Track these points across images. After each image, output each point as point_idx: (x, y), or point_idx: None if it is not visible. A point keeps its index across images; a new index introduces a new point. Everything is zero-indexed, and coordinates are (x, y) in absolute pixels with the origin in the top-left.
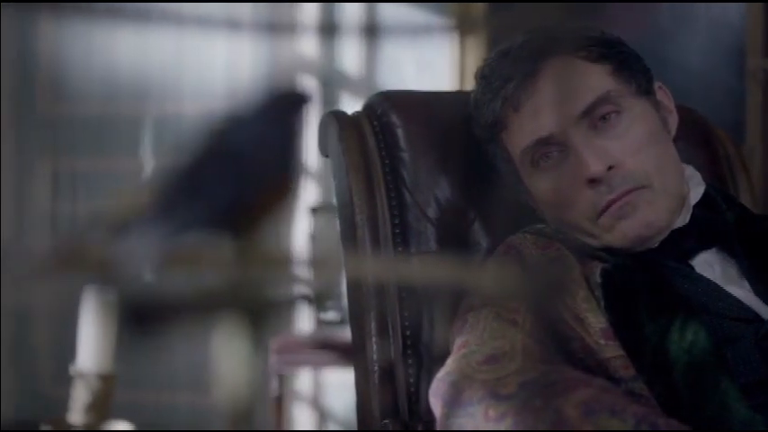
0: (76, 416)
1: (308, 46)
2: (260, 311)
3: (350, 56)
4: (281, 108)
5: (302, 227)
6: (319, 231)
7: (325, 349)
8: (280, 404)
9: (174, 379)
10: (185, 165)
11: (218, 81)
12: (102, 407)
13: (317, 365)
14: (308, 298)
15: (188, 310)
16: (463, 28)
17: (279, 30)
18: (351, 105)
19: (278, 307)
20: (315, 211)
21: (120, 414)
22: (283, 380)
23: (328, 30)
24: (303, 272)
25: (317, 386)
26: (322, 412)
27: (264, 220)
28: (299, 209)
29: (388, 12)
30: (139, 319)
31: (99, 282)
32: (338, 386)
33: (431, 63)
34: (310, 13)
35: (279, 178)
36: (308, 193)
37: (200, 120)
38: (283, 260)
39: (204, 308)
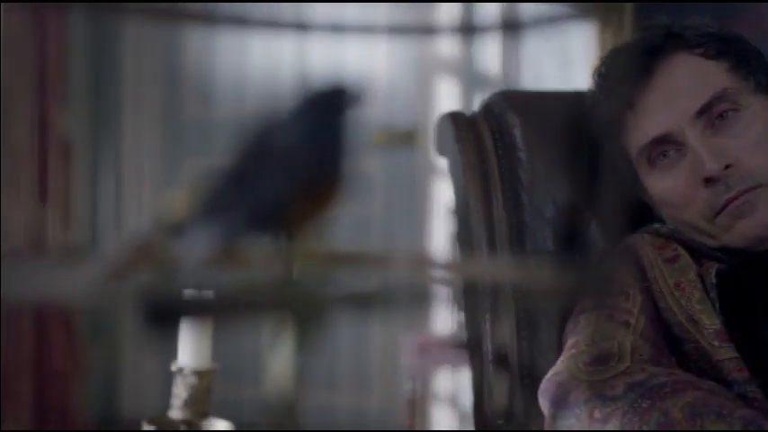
0: (177, 412)
1: (448, 46)
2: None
3: (489, 54)
4: (324, 106)
5: (441, 227)
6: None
7: (464, 348)
8: (416, 404)
9: (334, 379)
10: (231, 165)
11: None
12: (202, 403)
13: (455, 365)
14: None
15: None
16: (604, 21)
17: (417, 31)
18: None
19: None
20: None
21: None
22: (421, 380)
23: (467, 29)
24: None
25: (456, 386)
26: (461, 413)
27: (309, 220)
28: (437, 209)
29: (527, 7)
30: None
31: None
32: None
33: (571, 58)
34: (448, 12)
35: (321, 178)
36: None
37: (358, 124)
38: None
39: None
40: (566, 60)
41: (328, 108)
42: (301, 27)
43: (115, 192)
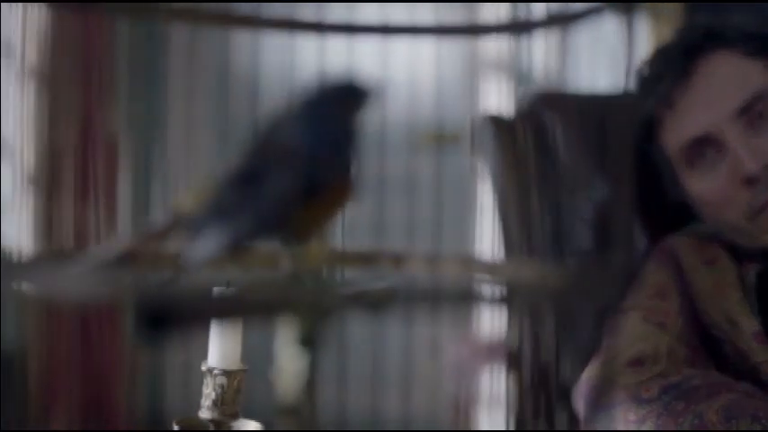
0: (206, 412)
1: (495, 44)
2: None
3: (537, 52)
4: (335, 104)
5: (488, 228)
6: None
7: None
8: (461, 406)
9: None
10: (242, 163)
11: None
12: (231, 403)
13: (499, 366)
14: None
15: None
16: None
17: (464, 31)
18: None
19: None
20: None
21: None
22: (466, 381)
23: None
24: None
25: (500, 387)
26: (505, 414)
27: (318, 220)
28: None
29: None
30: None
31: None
32: None
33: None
34: (495, 11)
35: (329, 178)
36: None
37: (405, 125)
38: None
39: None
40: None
41: (336, 106)
42: (348, 28)
43: (162, 192)
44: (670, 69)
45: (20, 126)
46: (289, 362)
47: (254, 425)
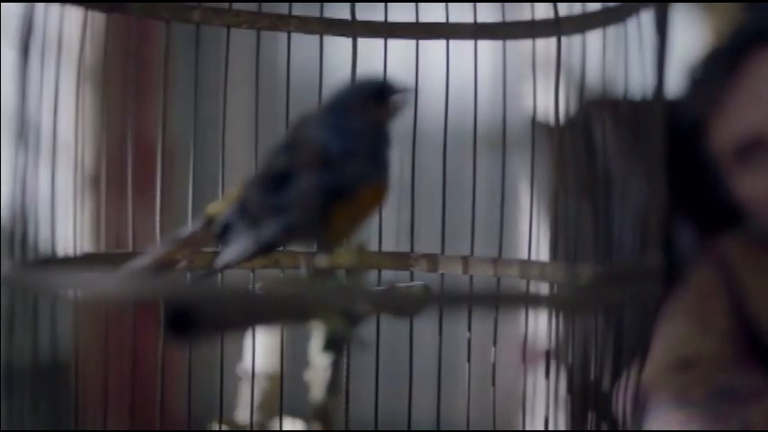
0: (245, 414)
1: (545, 45)
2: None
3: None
4: (364, 105)
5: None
6: None
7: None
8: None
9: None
10: (270, 166)
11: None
12: (271, 405)
13: (549, 368)
14: None
15: None
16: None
17: (513, 30)
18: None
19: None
20: None
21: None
22: (518, 382)
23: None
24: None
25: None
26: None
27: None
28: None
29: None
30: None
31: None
32: None
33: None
34: (546, 10)
35: (362, 178)
36: None
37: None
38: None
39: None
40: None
41: (365, 108)
42: (395, 28)
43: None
44: (720, 70)
45: (77, 128)
46: (319, 363)
47: (299, 424)
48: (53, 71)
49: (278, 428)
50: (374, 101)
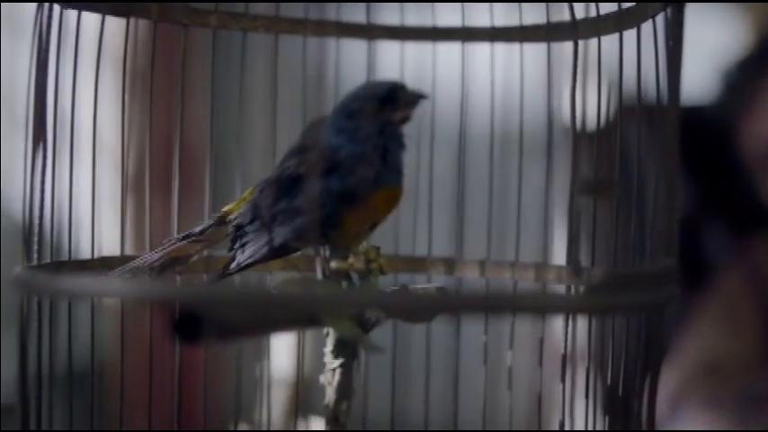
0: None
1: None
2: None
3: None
4: (375, 109)
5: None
6: None
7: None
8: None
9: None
10: (281, 169)
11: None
12: (293, 408)
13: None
14: None
15: None
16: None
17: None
18: None
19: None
20: None
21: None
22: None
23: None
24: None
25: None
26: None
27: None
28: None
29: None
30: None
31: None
32: None
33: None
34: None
35: (372, 182)
36: None
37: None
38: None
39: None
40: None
41: (376, 111)
42: (438, 33)
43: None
44: (753, 74)
45: (120, 131)
46: (331, 365)
47: (319, 423)
48: (92, 75)
49: (296, 429)
50: (385, 104)
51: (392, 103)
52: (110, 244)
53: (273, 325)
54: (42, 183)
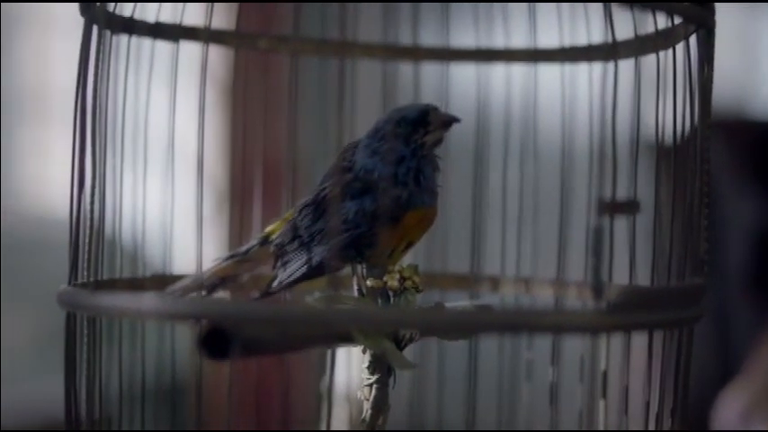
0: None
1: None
2: None
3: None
4: (408, 131)
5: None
6: None
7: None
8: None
9: None
10: (318, 190)
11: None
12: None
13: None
14: None
15: None
16: None
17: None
18: None
19: None
20: None
21: None
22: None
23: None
24: None
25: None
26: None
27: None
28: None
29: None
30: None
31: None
32: None
33: None
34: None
35: (406, 202)
36: None
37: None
38: None
39: None
40: None
41: (408, 134)
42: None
43: None
44: None
45: (216, 147)
46: (371, 380)
47: None
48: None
49: None
50: (417, 126)
51: (424, 125)
52: (186, 261)
53: (303, 341)
54: (120, 198)
